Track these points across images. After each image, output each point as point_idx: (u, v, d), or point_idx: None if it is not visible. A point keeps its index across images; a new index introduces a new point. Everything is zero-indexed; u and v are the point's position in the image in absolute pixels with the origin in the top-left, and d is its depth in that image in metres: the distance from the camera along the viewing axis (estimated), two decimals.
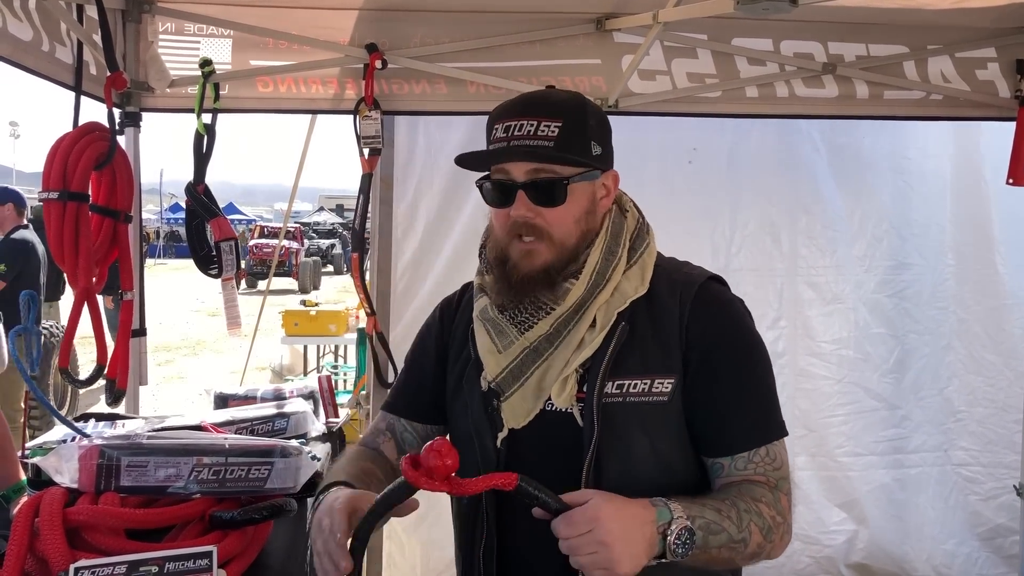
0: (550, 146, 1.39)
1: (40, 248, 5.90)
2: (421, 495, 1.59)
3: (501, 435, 1.43)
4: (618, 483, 1.35)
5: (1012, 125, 3.16)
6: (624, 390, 1.38)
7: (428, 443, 1.13)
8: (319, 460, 1.76)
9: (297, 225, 29.35)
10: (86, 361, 6.51)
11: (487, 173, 1.48)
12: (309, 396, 2.46)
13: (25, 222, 6.07)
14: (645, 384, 1.39)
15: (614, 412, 1.38)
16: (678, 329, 1.42)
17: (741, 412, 1.42)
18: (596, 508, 1.19)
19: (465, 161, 1.47)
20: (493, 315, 1.49)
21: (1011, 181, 3.19)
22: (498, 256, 1.47)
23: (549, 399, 1.43)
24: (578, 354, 1.41)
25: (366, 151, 2.98)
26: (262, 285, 20.13)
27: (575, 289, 1.42)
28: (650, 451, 1.40)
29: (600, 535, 1.17)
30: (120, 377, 2.67)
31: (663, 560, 1.23)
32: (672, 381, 1.39)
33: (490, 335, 1.48)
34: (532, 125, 1.40)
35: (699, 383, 1.41)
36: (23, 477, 1.82)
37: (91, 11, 2.57)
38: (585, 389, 1.39)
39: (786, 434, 1.44)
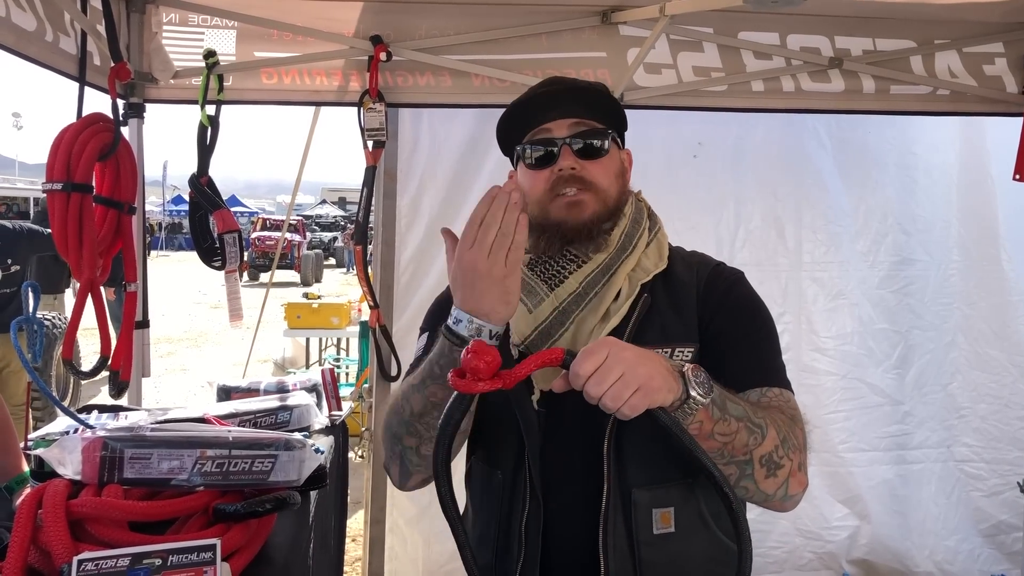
0: (593, 97, 1.51)
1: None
2: (429, 489, 1.58)
3: (535, 397, 1.45)
4: (639, 448, 1.39)
5: (1019, 121, 3.14)
6: None
7: (465, 348, 1.12)
8: (323, 453, 1.76)
9: (299, 218, 29.36)
10: (89, 353, 6.52)
11: (527, 140, 1.54)
12: (312, 389, 2.45)
13: None
14: (666, 352, 1.42)
15: None
16: (695, 300, 1.49)
17: (753, 356, 1.45)
18: (607, 339, 1.17)
19: (508, 122, 1.55)
20: (522, 274, 1.51)
21: (1017, 177, 3.19)
22: (538, 217, 1.50)
23: None
24: (604, 325, 1.45)
25: (370, 144, 2.97)
26: (264, 278, 20.16)
27: (610, 241, 1.49)
28: None
29: (621, 353, 1.13)
30: (124, 369, 2.67)
31: (689, 402, 1.19)
32: (692, 349, 1.44)
33: (519, 295, 1.49)
34: (567, 87, 1.54)
35: (714, 336, 1.45)
36: (26, 469, 1.81)
37: (95, 1, 2.56)
38: None
39: (793, 393, 1.46)
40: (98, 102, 2.64)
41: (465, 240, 1.23)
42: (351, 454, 5.05)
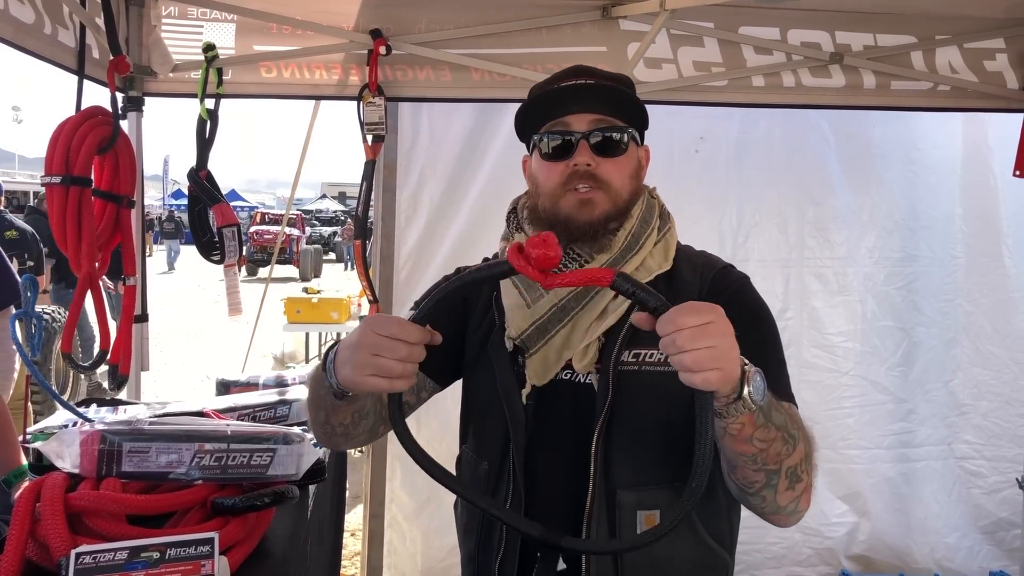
0: (617, 95, 1.48)
1: None
2: (428, 484, 1.57)
3: (525, 391, 1.44)
4: (627, 450, 1.39)
5: (1020, 117, 3.14)
6: (640, 359, 1.40)
7: (534, 234, 1.14)
8: (321, 447, 1.75)
9: (299, 212, 29.30)
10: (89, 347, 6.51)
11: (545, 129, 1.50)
12: None
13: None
14: (662, 354, 1.39)
15: (629, 379, 1.39)
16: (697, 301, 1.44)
17: (766, 371, 1.41)
18: (715, 306, 1.12)
19: (529, 110, 1.51)
20: None
21: (1018, 173, 3.18)
22: (549, 210, 1.48)
23: (568, 365, 1.44)
24: (600, 322, 1.43)
25: (369, 138, 2.97)
26: (263, 272, 20.15)
27: (614, 243, 1.46)
28: (662, 419, 1.40)
29: (722, 327, 1.11)
30: (123, 362, 2.67)
31: (738, 403, 1.15)
32: None
33: (519, 289, 1.49)
34: (592, 82, 1.50)
35: None
36: (24, 462, 1.81)
37: None
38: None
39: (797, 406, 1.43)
40: (97, 95, 2.64)
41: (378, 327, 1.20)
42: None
